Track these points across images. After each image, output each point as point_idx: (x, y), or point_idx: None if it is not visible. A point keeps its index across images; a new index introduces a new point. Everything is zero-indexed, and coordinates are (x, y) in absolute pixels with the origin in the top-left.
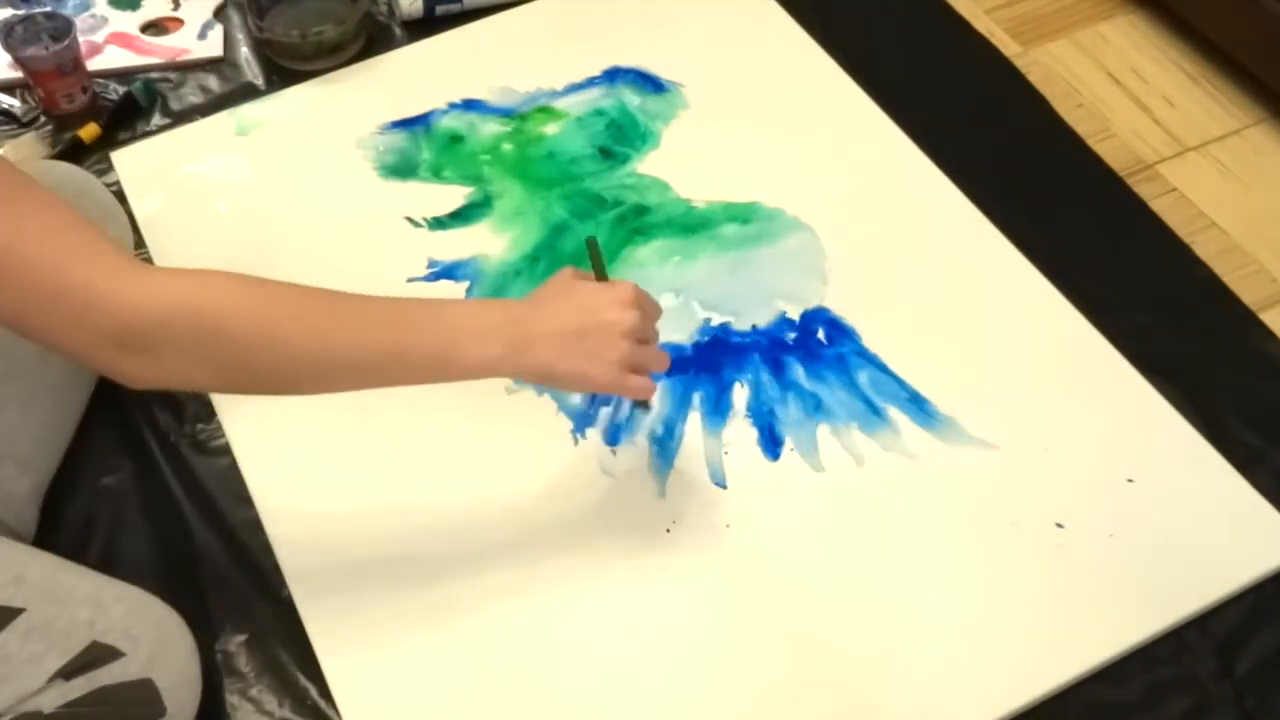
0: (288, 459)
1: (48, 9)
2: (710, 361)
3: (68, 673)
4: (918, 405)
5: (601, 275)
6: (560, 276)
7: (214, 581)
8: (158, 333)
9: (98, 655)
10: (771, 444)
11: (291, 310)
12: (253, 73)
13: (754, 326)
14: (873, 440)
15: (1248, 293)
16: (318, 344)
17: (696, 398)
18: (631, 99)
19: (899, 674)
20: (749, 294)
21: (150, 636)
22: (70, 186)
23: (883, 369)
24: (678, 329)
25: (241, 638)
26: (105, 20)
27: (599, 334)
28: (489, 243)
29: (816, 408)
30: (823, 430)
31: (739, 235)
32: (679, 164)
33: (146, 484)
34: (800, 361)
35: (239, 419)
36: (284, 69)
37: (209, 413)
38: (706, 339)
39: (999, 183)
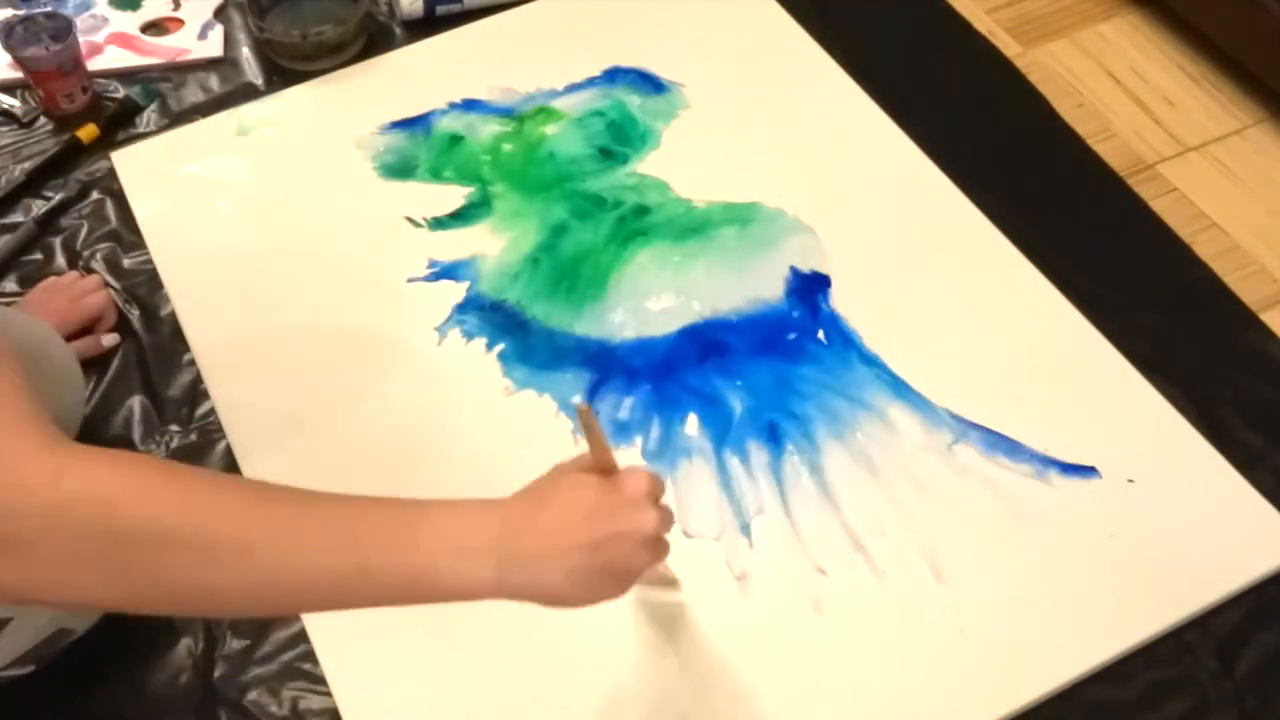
0: (287, 460)
1: (48, 9)
2: (710, 362)
3: (25, 657)
4: (918, 405)
5: (602, 452)
6: (561, 470)
7: None
8: (41, 517)
9: (58, 636)
10: (772, 444)
11: (220, 510)
12: (253, 73)
13: (754, 327)
14: (873, 440)
15: (1248, 293)
16: (250, 558)
17: (696, 399)
18: (631, 99)
19: (899, 674)
20: (749, 295)
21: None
22: (29, 343)
23: (884, 369)
24: (678, 330)
25: (242, 641)
26: (105, 20)
27: (615, 547)
28: (489, 243)
29: (817, 408)
30: (823, 430)
31: (739, 236)
32: (679, 164)
33: None
34: (801, 362)
35: (238, 419)
36: (284, 69)
37: (208, 410)
38: (706, 340)
39: (999, 183)
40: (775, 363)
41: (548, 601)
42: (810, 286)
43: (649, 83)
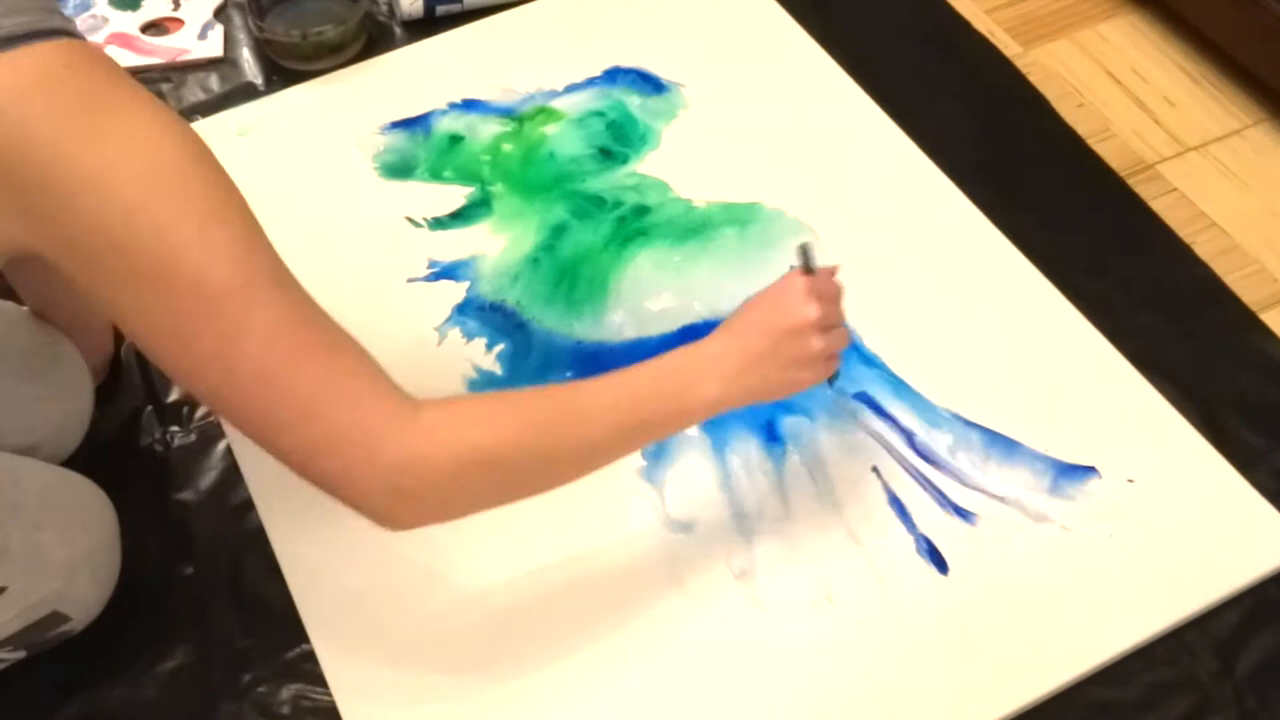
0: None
1: None
2: None
3: (17, 639)
4: (918, 405)
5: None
6: (751, 299)
7: (214, 584)
8: (443, 472)
9: (52, 620)
10: (772, 444)
11: (547, 422)
12: (253, 73)
13: None
14: (874, 441)
15: (1248, 293)
16: (575, 445)
17: None
18: (631, 99)
19: (899, 674)
20: (749, 295)
21: (96, 601)
22: (38, 347)
23: (884, 369)
24: (678, 330)
25: (242, 641)
26: (105, 20)
27: (790, 342)
28: (489, 243)
29: (818, 408)
30: (824, 431)
31: (739, 236)
32: (679, 164)
33: (148, 487)
34: None
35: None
36: (284, 69)
37: (208, 410)
38: None
39: (999, 183)
40: None
41: (762, 401)
42: None
43: (649, 83)
